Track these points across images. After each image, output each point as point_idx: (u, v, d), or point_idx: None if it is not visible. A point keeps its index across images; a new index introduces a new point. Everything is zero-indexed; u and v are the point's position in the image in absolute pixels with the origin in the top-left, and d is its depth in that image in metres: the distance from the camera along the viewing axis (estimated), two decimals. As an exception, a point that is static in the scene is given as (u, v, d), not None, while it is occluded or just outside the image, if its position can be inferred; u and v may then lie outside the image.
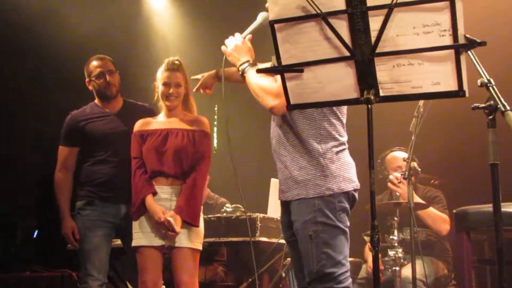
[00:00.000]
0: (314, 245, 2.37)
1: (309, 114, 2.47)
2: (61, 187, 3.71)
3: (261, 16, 2.62)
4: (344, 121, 2.58)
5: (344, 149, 2.51)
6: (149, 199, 3.38)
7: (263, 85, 2.44)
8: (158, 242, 3.38)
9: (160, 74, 3.54)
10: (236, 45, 2.56)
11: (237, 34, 2.60)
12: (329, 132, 2.47)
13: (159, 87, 3.54)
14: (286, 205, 2.57)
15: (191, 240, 3.39)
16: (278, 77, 2.44)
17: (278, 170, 2.59)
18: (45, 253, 5.86)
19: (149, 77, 3.77)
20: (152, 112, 3.74)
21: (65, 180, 3.72)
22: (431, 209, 4.36)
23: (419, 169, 4.52)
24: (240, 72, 2.54)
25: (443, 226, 4.38)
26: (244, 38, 2.58)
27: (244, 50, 2.55)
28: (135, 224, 3.43)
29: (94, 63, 3.73)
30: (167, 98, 3.52)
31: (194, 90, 3.19)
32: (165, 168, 3.43)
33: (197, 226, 3.42)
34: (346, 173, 2.46)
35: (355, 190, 2.49)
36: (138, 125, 3.58)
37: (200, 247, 3.46)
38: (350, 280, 2.41)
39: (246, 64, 2.51)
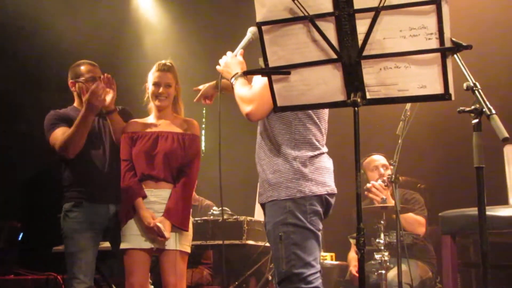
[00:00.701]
0: (284, 246, 2.41)
1: (285, 119, 2.53)
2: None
3: (250, 32, 2.70)
4: (323, 126, 2.63)
5: (319, 154, 2.55)
6: (139, 203, 3.36)
7: (240, 94, 2.53)
8: (147, 245, 3.36)
9: (151, 75, 3.54)
10: (226, 62, 2.68)
11: (228, 53, 2.69)
12: (304, 137, 2.52)
13: (150, 87, 3.54)
14: (263, 208, 2.62)
15: (180, 243, 3.38)
16: (254, 83, 2.53)
17: (258, 174, 2.65)
18: (30, 256, 5.82)
19: (136, 79, 3.76)
20: (127, 113, 3.71)
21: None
22: (408, 213, 4.39)
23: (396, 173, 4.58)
24: (231, 86, 2.62)
25: (419, 229, 4.44)
26: (236, 55, 2.68)
27: (235, 65, 2.64)
28: (125, 226, 3.41)
29: (84, 67, 3.66)
30: (157, 97, 3.51)
31: (194, 100, 3.21)
32: (154, 172, 3.42)
33: (187, 230, 3.42)
34: (319, 177, 2.50)
35: (329, 194, 2.53)
36: (128, 127, 3.56)
37: (189, 250, 3.45)
38: (320, 281, 2.44)
39: (234, 78, 2.60)
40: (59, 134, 3.51)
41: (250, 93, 2.49)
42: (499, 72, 4.67)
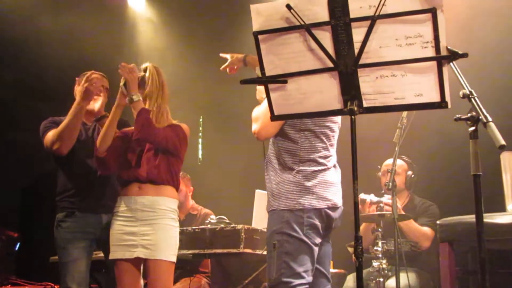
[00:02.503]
0: (276, 254, 2.48)
1: (292, 138, 2.60)
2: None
3: None
4: (330, 142, 2.67)
5: (324, 169, 2.60)
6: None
7: (253, 114, 2.65)
8: (130, 254, 3.32)
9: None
10: None
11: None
12: (309, 155, 2.58)
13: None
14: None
15: (166, 253, 3.35)
16: (263, 102, 2.56)
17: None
18: (27, 266, 5.80)
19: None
20: (127, 124, 3.70)
21: None
22: (412, 222, 4.36)
23: (415, 178, 4.57)
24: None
25: (424, 242, 4.37)
26: None
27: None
28: (111, 237, 3.39)
29: (96, 75, 3.61)
30: None
31: (221, 68, 3.18)
32: (140, 173, 3.36)
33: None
34: (321, 191, 2.55)
35: (329, 208, 2.57)
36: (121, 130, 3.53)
37: (175, 259, 3.41)
38: None
39: None
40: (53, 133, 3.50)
41: (257, 111, 2.61)
42: (495, 79, 4.68)
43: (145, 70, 3.49)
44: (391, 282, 4.05)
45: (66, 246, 3.51)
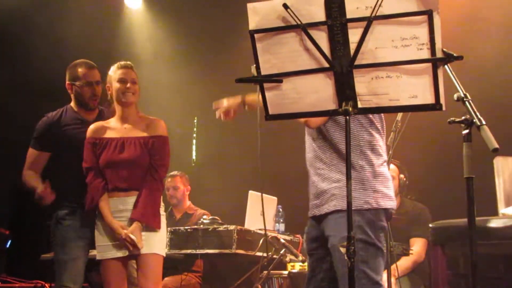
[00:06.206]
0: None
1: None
2: (31, 177, 3.59)
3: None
4: (384, 132, 2.51)
5: (384, 162, 2.44)
6: (107, 215, 3.33)
7: None
8: (121, 253, 3.32)
9: (113, 73, 3.45)
10: None
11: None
12: (369, 143, 2.41)
13: (114, 85, 3.44)
14: (317, 220, 2.48)
15: (155, 247, 3.35)
16: None
17: (311, 184, 2.52)
18: (18, 264, 5.77)
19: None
20: (103, 116, 3.67)
21: (34, 174, 3.61)
22: (400, 263, 4.27)
23: (407, 182, 4.56)
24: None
25: (420, 260, 4.38)
26: None
27: None
28: (98, 237, 3.37)
29: (82, 70, 3.59)
30: (124, 94, 3.40)
31: (216, 116, 2.84)
32: (122, 183, 3.37)
33: (159, 228, 3.38)
34: (385, 189, 2.39)
35: (392, 208, 2.42)
36: (91, 131, 3.45)
37: (164, 254, 3.43)
38: None
39: None
40: (29, 157, 3.64)
41: None
42: (488, 82, 4.70)
43: (132, 66, 3.50)
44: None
45: (66, 244, 3.49)
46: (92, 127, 3.47)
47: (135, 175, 3.38)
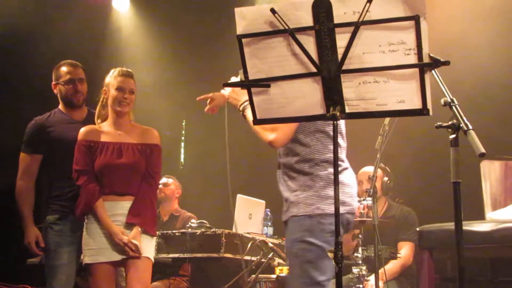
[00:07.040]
0: (298, 263, 2.41)
1: (303, 139, 2.51)
2: (24, 196, 3.59)
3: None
4: (343, 144, 2.61)
5: (342, 170, 2.53)
6: (105, 218, 3.30)
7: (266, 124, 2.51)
8: (117, 256, 3.29)
9: (113, 79, 3.43)
10: (233, 88, 2.63)
11: (233, 78, 2.58)
12: (324, 156, 2.49)
13: (111, 92, 3.42)
14: (285, 226, 2.60)
15: (148, 251, 3.35)
16: None
17: (281, 194, 2.64)
18: (4, 268, 5.71)
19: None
20: (92, 119, 3.66)
21: (27, 189, 3.60)
22: (388, 267, 4.26)
23: (391, 184, 4.58)
24: (240, 112, 2.58)
25: (408, 263, 4.40)
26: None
27: (242, 91, 2.57)
28: (88, 241, 3.33)
29: (65, 68, 3.64)
30: (120, 103, 3.40)
31: (205, 110, 2.91)
32: (119, 188, 3.35)
33: (155, 235, 3.46)
34: (341, 195, 2.40)
35: (349, 213, 2.51)
36: (84, 134, 3.42)
37: (153, 258, 3.42)
38: None
39: (246, 103, 2.53)
40: (21, 163, 3.64)
41: None
42: (476, 87, 4.73)
43: (132, 74, 3.50)
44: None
45: (57, 249, 3.46)
46: (84, 129, 3.44)
47: (132, 180, 3.38)
